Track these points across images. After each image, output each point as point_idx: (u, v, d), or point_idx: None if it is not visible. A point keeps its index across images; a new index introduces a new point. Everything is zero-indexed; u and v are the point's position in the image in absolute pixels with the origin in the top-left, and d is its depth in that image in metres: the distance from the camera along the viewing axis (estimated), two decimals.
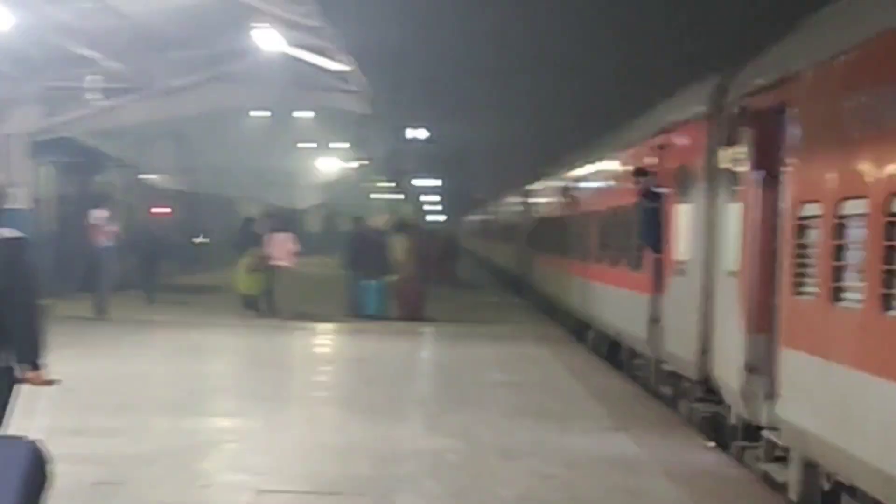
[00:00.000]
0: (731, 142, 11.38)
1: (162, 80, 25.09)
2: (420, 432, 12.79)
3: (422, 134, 48.19)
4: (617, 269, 18.74)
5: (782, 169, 9.99)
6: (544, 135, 57.28)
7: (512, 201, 43.72)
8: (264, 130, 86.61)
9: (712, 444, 12.73)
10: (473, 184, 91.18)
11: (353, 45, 24.04)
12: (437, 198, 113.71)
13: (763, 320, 10.33)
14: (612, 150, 20.51)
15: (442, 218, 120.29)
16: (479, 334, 24.10)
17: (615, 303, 18.87)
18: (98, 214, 25.40)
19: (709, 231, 12.96)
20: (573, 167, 25.86)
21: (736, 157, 11.28)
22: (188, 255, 47.22)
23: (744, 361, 10.68)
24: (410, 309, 27.21)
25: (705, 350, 12.66)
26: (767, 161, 10.37)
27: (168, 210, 44.40)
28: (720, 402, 12.46)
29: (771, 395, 10.07)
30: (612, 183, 20.30)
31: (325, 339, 23.45)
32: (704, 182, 13.16)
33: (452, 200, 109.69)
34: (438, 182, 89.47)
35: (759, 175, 10.58)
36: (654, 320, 15.42)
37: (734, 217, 11.47)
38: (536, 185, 34.44)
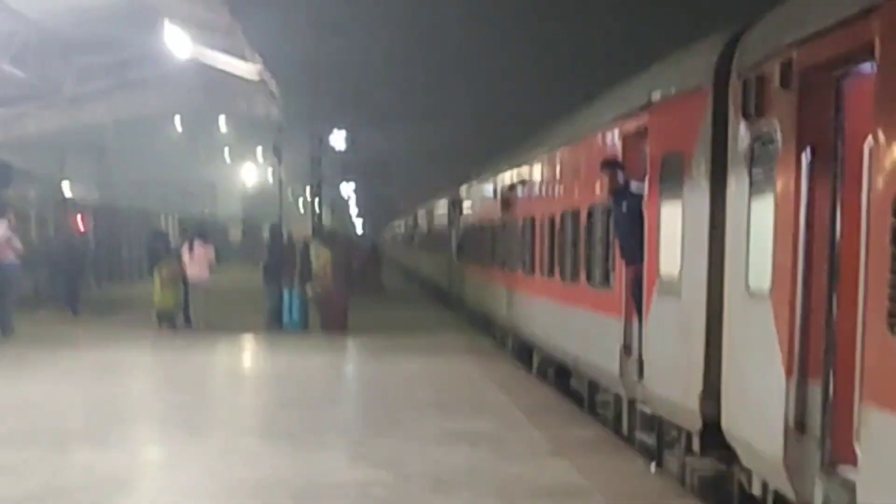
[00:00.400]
0: (754, 113, 8.65)
1: (68, 87, 23.72)
2: (343, 462, 11.68)
3: (341, 141, 46.12)
4: (575, 285, 15.71)
5: (844, 145, 7.38)
6: (473, 141, 56.30)
7: (439, 208, 40.94)
8: (183, 141, 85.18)
9: (654, 467, 11.78)
10: (397, 191, 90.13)
11: (266, 50, 22.89)
12: (358, 206, 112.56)
13: (816, 361, 7.56)
14: (566, 139, 17.11)
15: (363, 226, 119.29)
16: (405, 347, 22.91)
17: (571, 326, 15.95)
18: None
19: (714, 235, 9.82)
20: (514, 165, 22.19)
21: (761, 134, 8.63)
22: (107, 269, 45.92)
23: (788, 417, 7.81)
24: (332, 321, 26.09)
25: (710, 394, 9.82)
26: (819, 136, 7.62)
27: (87, 223, 42.78)
28: (729, 459, 9.79)
29: (832, 468, 7.34)
30: (567, 181, 17.04)
31: (242, 354, 22.28)
32: (707, 171, 9.99)
33: (375, 208, 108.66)
34: (357, 189, 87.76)
35: (806, 156, 7.71)
36: (628, 350, 12.69)
37: (762, 216, 8.51)
38: (467, 189, 31.65)
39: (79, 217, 40.82)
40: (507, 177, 22.77)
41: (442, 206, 38.69)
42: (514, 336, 22.04)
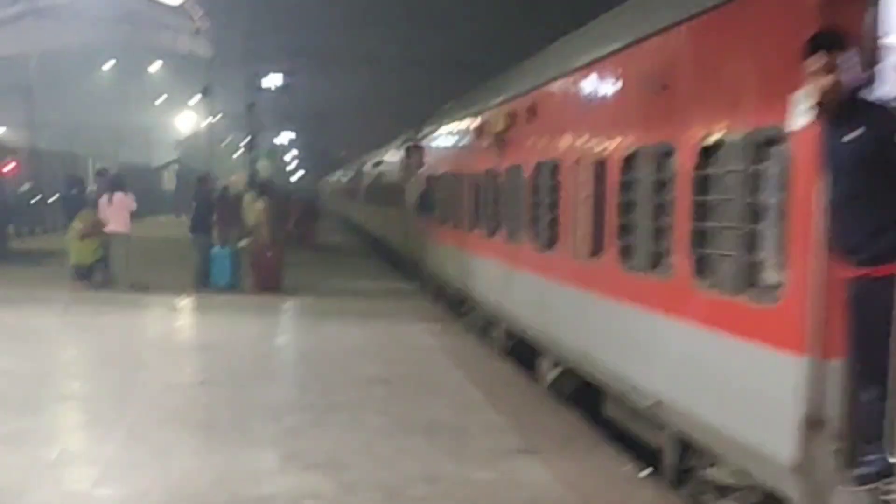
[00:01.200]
0: None
1: None
2: (273, 464, 9.50)
3: (277, 82, 42.90)
4: (661, 277, 9.31)
5: None
6: (420, 91, 53.71)
7: (391, 156, 36.39)
8: (116, 84, 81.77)
9: (647, 471, 9.73)
10: (338, 142, 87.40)
11: None
12: (295, 154, 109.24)
13: None
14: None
15: (301, 176, 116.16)
16: (347, 312, 20.64)
17: (653, 347, 9.56)
18: None
19: None
20: (513, 93, 16.02)
21: None
22: (31, 218, 43.11)
23: None
24: (267, 280, 23.82)
25: None
26: None
27: (12, 168, 39.90)
28: None
29: None
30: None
31: (163, 319, 19.84)
32: None
33: (314, 157, 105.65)
34: (295, 136, 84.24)
35: None
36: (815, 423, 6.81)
37: None
38: (432, 132, 25.93)
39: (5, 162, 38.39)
40: (502, 111, 16.23)
41: (394, 155, 34.18)
42: (506, 328, 16.39)
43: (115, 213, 22.54)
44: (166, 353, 15.80)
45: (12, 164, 39.11)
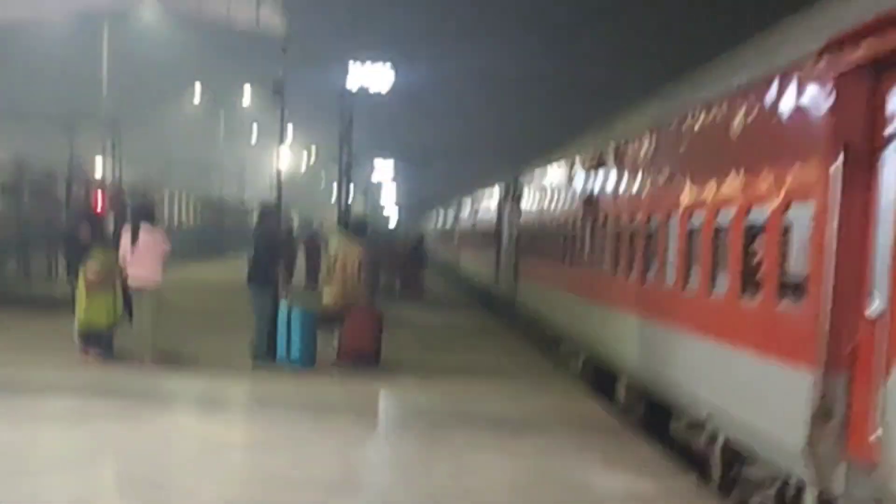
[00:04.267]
0: None
1: None
2: None
3: (380, 85, 30.40)
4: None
5: None
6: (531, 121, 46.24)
7: (491, 195, 31.85)
8: (206, 115, 75.27)
9: None
10: (438, 178, 79.65)
11: None
12: (396, 191, 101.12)
13: None
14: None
15: (395, 217, 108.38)
16: (474, 416, 12.89)
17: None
18: None
19: None
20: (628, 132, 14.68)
21: None
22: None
23: None
24: (358, 352, 16.26)
25: None
26: None
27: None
28: None
29: None
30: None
31: (199, 424, 12.14)
32: None
33: (412, 197, 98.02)
34: (396, 169, 75.31)
35: None
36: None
37: None
38: (539, 172, 22.96)
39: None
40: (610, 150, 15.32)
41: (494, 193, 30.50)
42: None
43: (142, 256, 15.06)
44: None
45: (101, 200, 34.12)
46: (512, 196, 26.06)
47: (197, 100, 72.14)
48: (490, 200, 31.51)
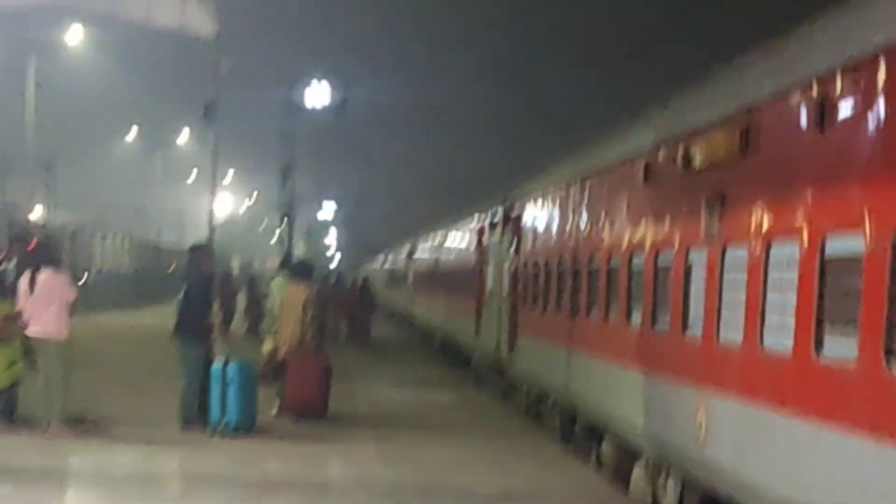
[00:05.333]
0: None
1: None
2: None
3: (324, 101, 25.25)
4: None
5: None
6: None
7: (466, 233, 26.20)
8: (141, 156, 72.22)
9: None
10: (381, 221, 77.06)
11: None
12: (334, 235, 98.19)
13: None
14: None
15: (337, 260, 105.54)
16: (447, 486, 10.38)
17: None
18: None
19: None
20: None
21: None
22: None
23: None
24: (303, 404, 14.22)
25: None
26: None
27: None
28: None
29: None
30: None
31: None
32: None
33: (355, 239, 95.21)
34: (336, 210, 71.99)
35: None
36: None
37: None
38: (535, 198, 17.50)
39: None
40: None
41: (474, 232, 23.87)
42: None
43: (41, 303, 12.39)
44: None
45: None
46: (503, 225, 19.46)
47: (132, 137, 69.22)
48: (464, 234, 25.53)
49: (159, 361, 18.22)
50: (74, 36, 35.29)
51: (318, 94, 15.96)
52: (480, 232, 22.18)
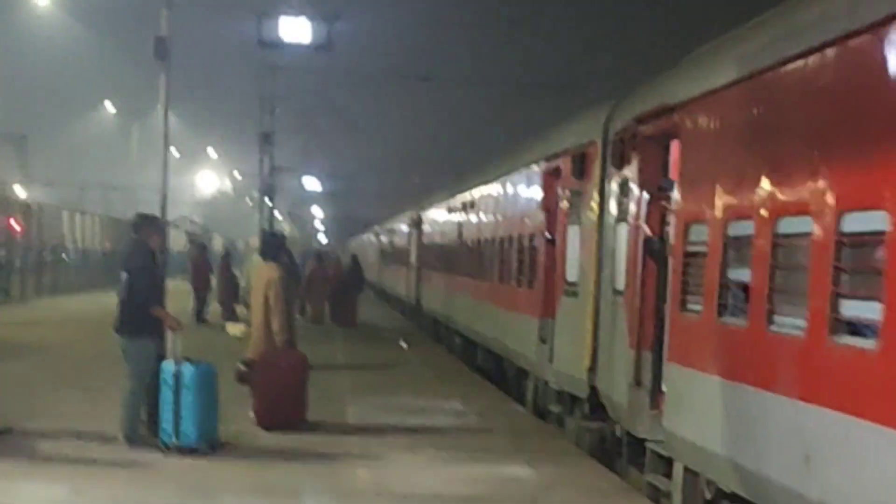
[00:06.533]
0: None
1: None
2: None
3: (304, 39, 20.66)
4: None
5: None
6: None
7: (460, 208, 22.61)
8: (119, 131, 69.25)
9: None
10: (367, 200, 73.96)
11: None
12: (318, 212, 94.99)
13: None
14: None
15: (324, 238, 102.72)
16: None
17: None
18: None
19: None
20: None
21: None
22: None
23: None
24: (275, 414, 11.69)
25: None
26: None
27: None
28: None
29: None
30: None
31: None
32: None
33: (339, 220, 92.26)
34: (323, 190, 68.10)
35: None
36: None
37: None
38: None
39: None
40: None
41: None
42: None
43: None
44: None
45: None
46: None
47: (111, 111, 66.47)
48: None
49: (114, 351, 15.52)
50: None
51: (296, 30, 13.21)
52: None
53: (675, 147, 9.04)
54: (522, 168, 15.77)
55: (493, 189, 18.70)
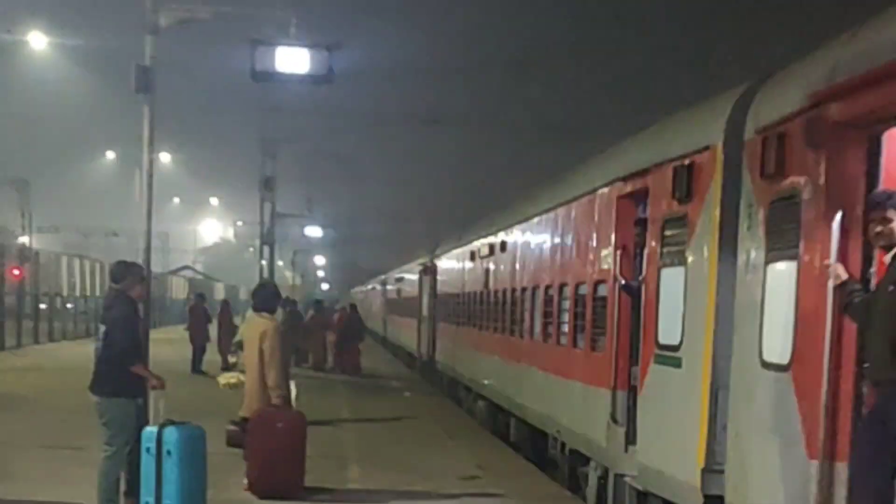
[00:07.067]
0: None
1: None
2: None
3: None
4: None
5: None
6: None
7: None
8: (121, 179, 68.52)
9: None
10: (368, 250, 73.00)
11: None
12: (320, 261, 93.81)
13: None
14: None
15: (325, 286, 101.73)
16: None
17: None
18: None
19: None
20: None
21: None
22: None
23: None
24: (269, 482, 10.64)
25: None
26: None
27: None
28: None
29: None
30: None
31: None
32: None
33: (342, 268, 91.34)
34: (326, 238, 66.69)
35: None
36: None
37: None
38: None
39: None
40: None
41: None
42: None
43: None
44: None
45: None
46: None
47: (111, 157, 65.82)
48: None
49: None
50: (38, 41, 31.27)
51: (295, 61, 12.27)
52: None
53: (892, 139, 6.21)
54: (581, 196, 12.21)
55: (534, 227, 15.20)
